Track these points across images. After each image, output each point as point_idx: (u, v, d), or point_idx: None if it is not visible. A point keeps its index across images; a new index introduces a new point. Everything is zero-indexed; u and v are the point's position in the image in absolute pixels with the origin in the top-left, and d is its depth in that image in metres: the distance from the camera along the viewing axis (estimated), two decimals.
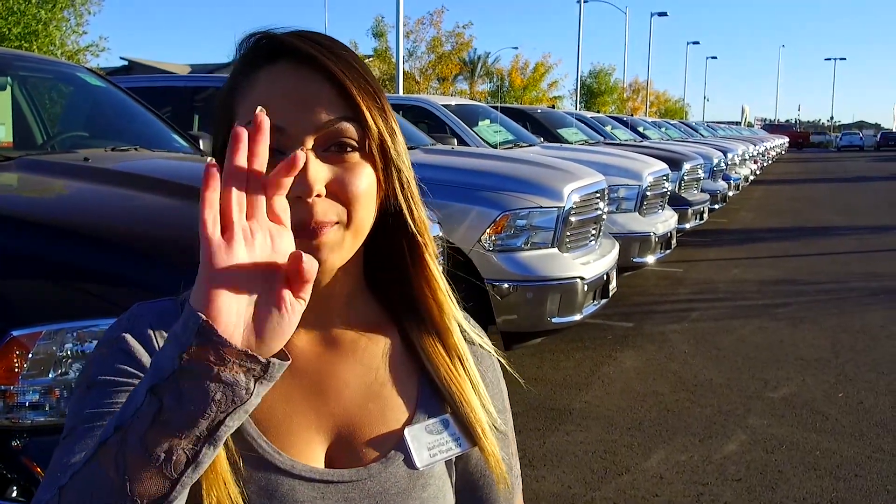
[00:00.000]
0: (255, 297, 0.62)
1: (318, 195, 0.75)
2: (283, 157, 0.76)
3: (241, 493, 0.74)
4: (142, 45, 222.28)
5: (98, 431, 0.69)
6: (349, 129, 0.77)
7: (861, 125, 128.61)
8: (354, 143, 0.78)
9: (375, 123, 0.79)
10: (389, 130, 0.81)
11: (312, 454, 0.81)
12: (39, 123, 3.78)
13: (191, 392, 0.59)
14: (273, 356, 0.62)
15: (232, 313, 0.60)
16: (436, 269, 0.88)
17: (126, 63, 38.99)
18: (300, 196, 0.74)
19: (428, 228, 0.87)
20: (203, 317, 0.59)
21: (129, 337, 0.78)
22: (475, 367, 0.91)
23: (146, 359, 0.77)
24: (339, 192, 0.77)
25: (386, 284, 0.90)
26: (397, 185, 0.82)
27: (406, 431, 0.85)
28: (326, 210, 0.76)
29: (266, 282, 0.62)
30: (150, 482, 0.59)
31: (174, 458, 0.59)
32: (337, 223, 0.77)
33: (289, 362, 0.63)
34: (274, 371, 0.61)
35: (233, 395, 0.59)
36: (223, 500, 0.71)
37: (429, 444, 0.85)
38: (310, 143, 0.76)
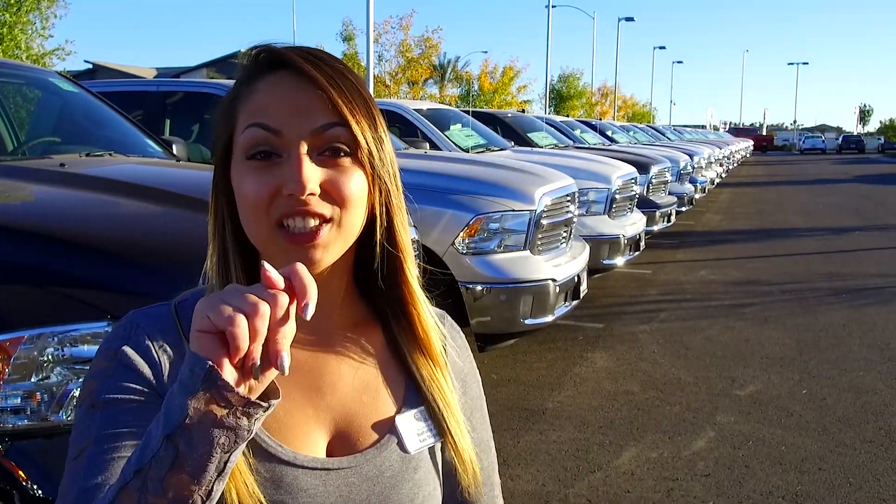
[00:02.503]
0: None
1: (312, 193, 0.80)
2: (279, 159, 0.81)
3: (256, 482, 0.79)
4: (107, 48, 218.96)
5: (111, 455, 0.75)
6: (341, 134, 0.82)
7: (823, 128, 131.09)
8: (346, 149, 0.83)
9: (363, 133, 0.83)
10: (377, 140, 0.85)
11: (314, 445, 0.87)
12: (10, 129, 3.75)
13: (200, 438, 0.64)
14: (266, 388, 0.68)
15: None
16: (413, 280, 0.92)
17: (91, 66, 38.50)
18: (293, 194, 0.79)
19: (407, 239, 0.91)
20: (210, 363, 0.63)
21: (129, 350, 0.82)
22: (452, 376, 0.96)
23: (148, 371, 0.81)
24: (333, 191, 0.82)
25: (373, 288, 0.94)
26: (378, 194, 0.87)
27: (397, 419, 0.91)
28: (320, 204, 0.81)
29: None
30: None
31: (192, 497, 0.65)
32: (330, 221, 0.82)
33: (279, 399, 0.68)
34: (270, 409, 0.67)
35: (236, 437, 0.65)
36: (241, 489, 0.77)
37: (417, 431, 0.91)
38: (304, 146, 0.81)
